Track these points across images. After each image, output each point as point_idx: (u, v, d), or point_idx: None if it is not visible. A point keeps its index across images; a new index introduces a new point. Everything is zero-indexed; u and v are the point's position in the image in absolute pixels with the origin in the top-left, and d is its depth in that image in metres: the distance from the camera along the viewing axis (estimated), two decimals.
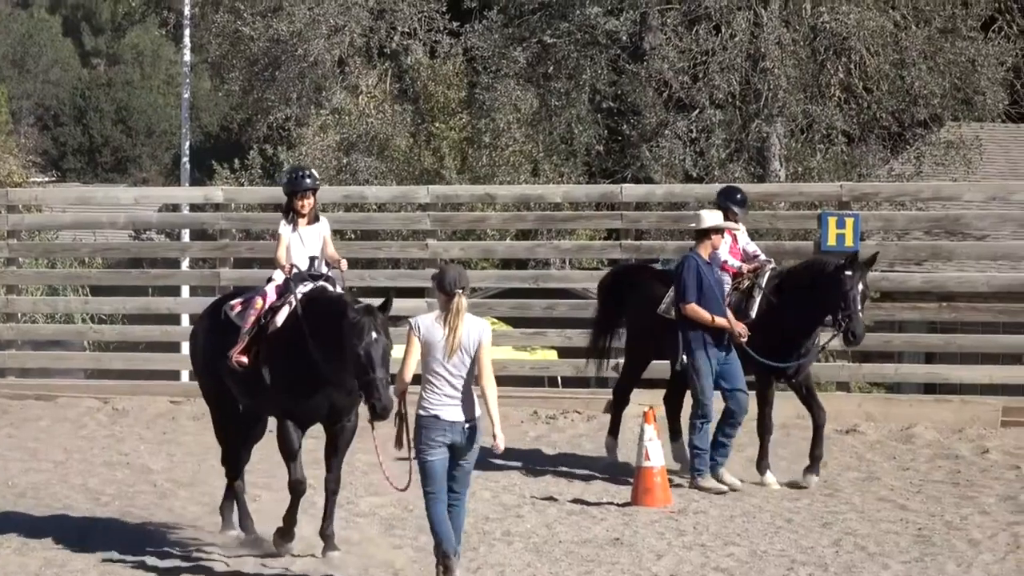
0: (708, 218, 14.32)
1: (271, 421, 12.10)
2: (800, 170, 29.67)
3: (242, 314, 11.87)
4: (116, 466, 15.67)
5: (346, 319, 10.79)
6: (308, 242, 12.19)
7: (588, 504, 13.78)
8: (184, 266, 25.61)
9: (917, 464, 15.77)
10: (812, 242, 18.60)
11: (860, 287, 14.12)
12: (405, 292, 18.73)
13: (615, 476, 14.76)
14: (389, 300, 10.94)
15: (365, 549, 11.95)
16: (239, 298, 12.16)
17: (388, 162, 32.00)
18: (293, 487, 11.55)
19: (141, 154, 64.85)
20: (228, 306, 12.10)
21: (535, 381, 20.22)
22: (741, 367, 14.26)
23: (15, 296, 21.17)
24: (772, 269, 14.79)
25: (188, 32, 35.74)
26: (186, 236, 26.93)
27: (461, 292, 10.21)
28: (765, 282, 14.60)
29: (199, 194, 23.39)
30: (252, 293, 12.10)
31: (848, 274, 14.07)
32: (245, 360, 11.65)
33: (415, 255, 20.84)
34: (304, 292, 11.71)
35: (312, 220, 12.29)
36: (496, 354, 10.81)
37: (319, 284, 11.86)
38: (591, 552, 12.01)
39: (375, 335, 10.70)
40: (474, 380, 10.29)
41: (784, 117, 29.64)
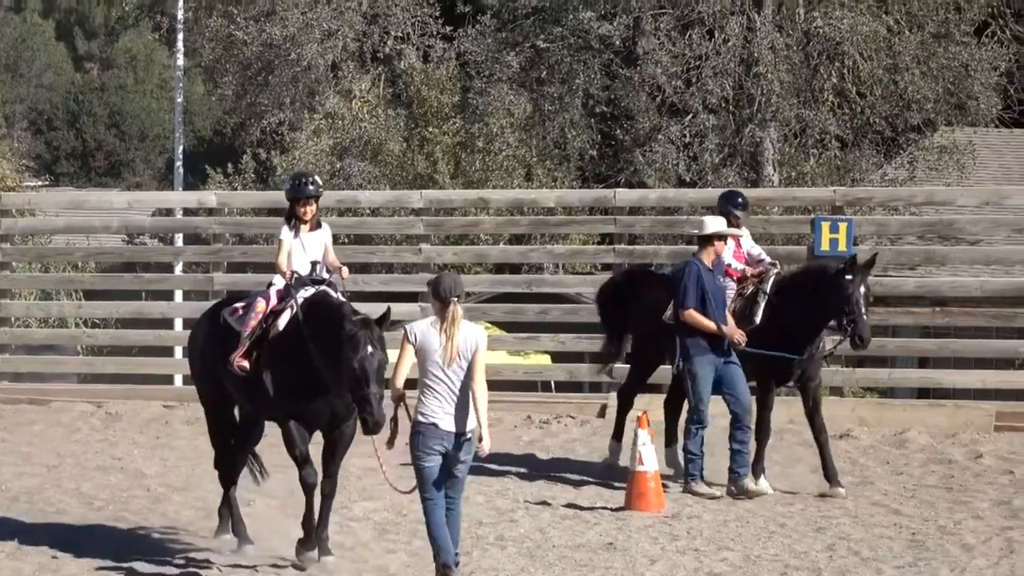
0: (711, 224, 14.19)
1: (270, 424, 12.07)
2: (793, 175, 29.72)
3: (242, 319, 11.80)
4: (109, 470, 15.62)
5: (343, 331, 10.75)
6: (310, 248, 12.13)
7: (582, 509, 13.76)
8: (177, 270, 25.63)
9: (910, 469, 15.76)
10: (805, 247, 18.60)
11: (862, 290, 14.10)
12: (399, 296, 18.74)
13: (608, 481, 14.74)
14: (387, 314, 10.89)
15: (359, 554, 11.95)
16: (239, 303, 12.09)
17: (381, 167, 32.03)
18: (303, 481, 11.41)
19: (134, 158, 64.84)
20: (227, 311, 12.01)
21: (528, 385, 20.22)
22: (742, 372, 14.24)
23: (8, 300, 21.08)
24: (776, 274, 14.71)
25: (181, 36, 35.77)
26: (179, 240, 26.98)
27: (456, 300, 10.21)
28: (769, 287, 14.56)
29: (192, 198, 23.38)
30: (252, 297, 12.03)
31: (849, 278, 14.03)
32: (246, 364, 11.58)
33: (408, 259, 20.78)
34: (305, 297, 11.67)
35: (314, 227, 12.25)
36: (489, 359, 10.78)
37: (321, 289, 11.80)
38: (584, 557, 11.99)
39: (371, 349, 10.64)
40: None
41: (777, 122, 29.68)
